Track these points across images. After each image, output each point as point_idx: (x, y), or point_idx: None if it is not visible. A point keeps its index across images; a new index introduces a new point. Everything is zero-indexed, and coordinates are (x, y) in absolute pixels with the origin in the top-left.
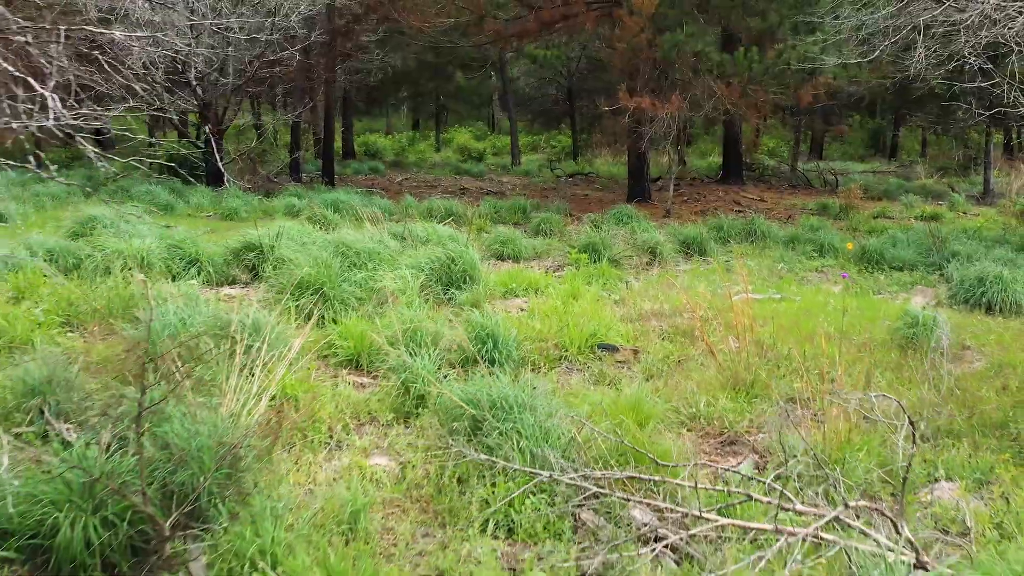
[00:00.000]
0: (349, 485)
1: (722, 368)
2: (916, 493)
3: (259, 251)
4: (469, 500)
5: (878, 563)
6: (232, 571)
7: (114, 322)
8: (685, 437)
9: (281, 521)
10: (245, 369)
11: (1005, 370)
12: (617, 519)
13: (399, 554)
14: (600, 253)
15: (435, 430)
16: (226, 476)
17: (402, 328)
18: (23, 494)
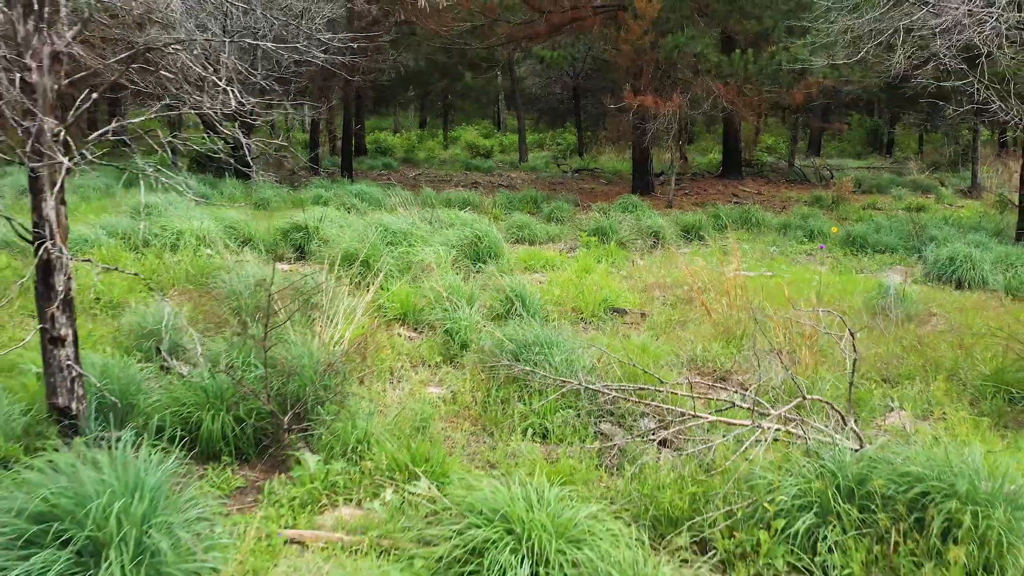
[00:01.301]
0: (414, 404)
1: (716, 324)
2: (875, 419)
3: (305, 231)
4: (510, 415)
5: (830, 448)
6: (336, 454)
7: (191, 287)
8: (684, 374)
9: (371, 420)
10: (325, 316)
11: (961, 330)
12: (629, 427)
13: (458, 451)
14: (608, 236)
15: (478, 367)
16: (324, 387)
17: (442, 291)
18: (169, 399)
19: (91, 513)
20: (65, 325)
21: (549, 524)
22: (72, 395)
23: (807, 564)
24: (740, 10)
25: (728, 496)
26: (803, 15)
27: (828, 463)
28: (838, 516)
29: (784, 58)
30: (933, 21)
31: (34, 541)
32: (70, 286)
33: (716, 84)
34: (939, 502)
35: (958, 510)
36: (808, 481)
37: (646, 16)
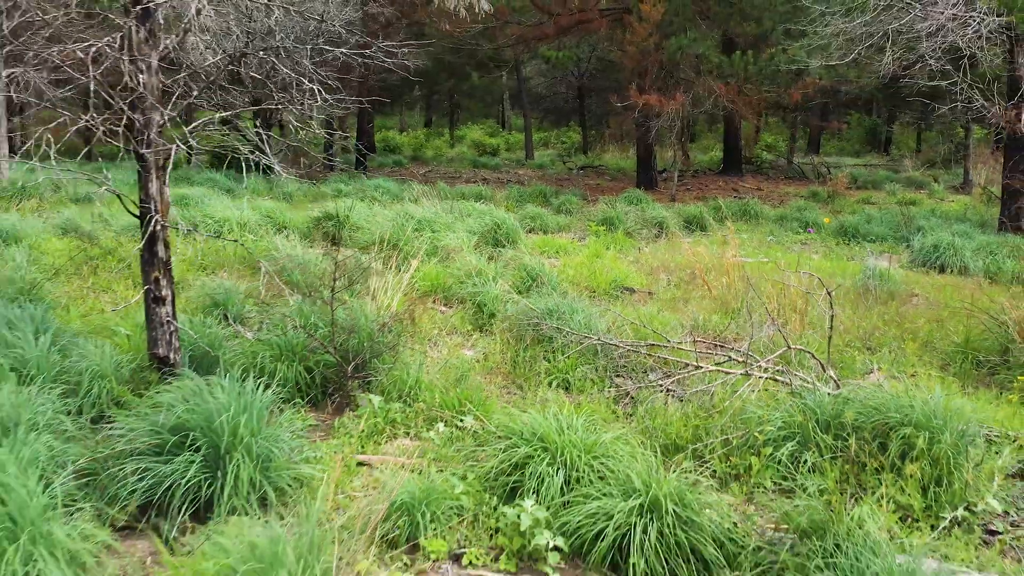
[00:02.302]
0: (453, 361)
1: (715, 299)
2: (854, 379)
3: (336, 220)
4: (537, 371)
5: (811, 390)
6: (393, 396)
7: (239, 267)
8: (687, 335)
9: (421, 369)
10: (371, 289)
11: (937, 306)
12: (640, 379)
13: (493, 399)
14: (616, 226)
15: (506, 333)
16: (380, 343)
17: (472, 268)
18: (247, 353)
19: (217, 426)
20: (165, 287)
21: (579, 443)
22: (170, 346)
23: (790, 483)
24: (740, 13)
25: (724, 428)
26: (799, 18)
27: (809, 402)
28: (816, 444)
29: (782, 59)
30: (920, 25)
31: (173, 448)
32: (169, 254)
33: (717, 84)
34: (898, 429)
35: (914, 435)
36: (792, 416)
37: (650, 19)
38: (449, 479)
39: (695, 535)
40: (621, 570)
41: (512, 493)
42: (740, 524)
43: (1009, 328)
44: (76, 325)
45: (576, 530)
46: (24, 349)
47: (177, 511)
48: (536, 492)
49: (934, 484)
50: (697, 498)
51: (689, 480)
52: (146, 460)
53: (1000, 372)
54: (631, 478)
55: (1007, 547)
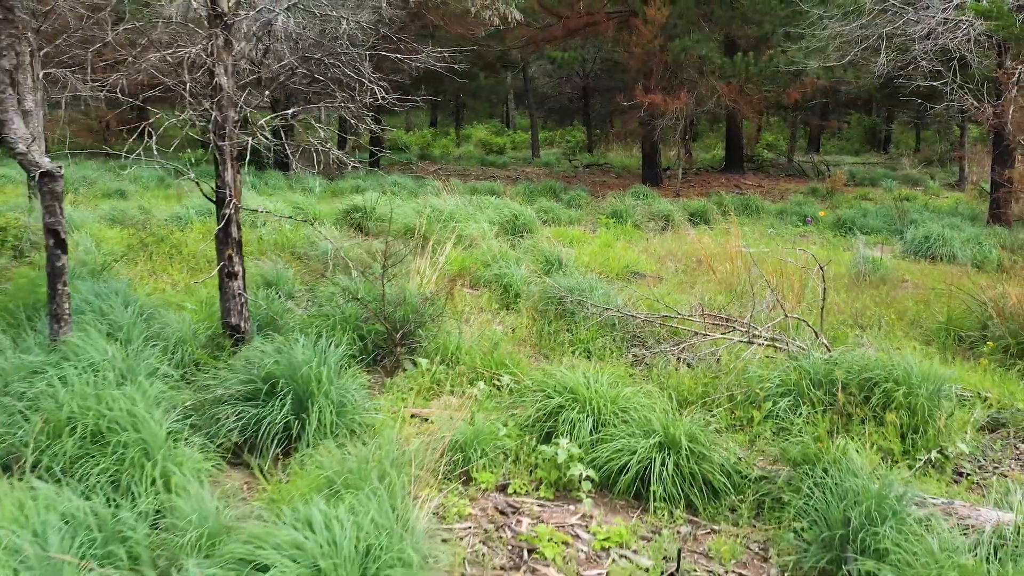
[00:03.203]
0: (486, 332)
1: (720, 282)
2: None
3: (363, 212)
4: (561, 342)
5: (807, 355)
6: (436, 360)
7: (280, 253)
8: (695, 310)
9: (460, 337)
10: (409, 270)
11: (925, 291)
12: (654, 348)
13: (523, 364)
14: (624, 219)
15: (531, 310)
16: (423, 314)
17: (493, 254)
18: (305, 322)
19: (301, 375)
20: (237, 263)
21: (604, 394)
22: (241, 316)
23: (787, 433)
24: (741, 16)
25: (729, 386)
26: (798, 21)
27: (803, 363)
28: (810, 399)
29: (782, 60)
30: (912, 28)
31: (263, 395)
32: (240, 234)
33: (720, 84)
34: (881, 384)
35: (893, 389)
36: (788, 375)
37: (656, 21)
38: (493, 424)
39: (706, 467)
40: (643, 497)
41: (547, 437)
42: (744, 459)
43: (987, 307)
44: (148, 300)
45: (604, 464)
46: (117, 317)
47: (268, 447)
48: (569, 434)
49: (911, 432)
50: (708, 437)
51: (701, 422)
52: (240, 405)
53: (979, 346)
54: (651, 420)
55: (974, 485)
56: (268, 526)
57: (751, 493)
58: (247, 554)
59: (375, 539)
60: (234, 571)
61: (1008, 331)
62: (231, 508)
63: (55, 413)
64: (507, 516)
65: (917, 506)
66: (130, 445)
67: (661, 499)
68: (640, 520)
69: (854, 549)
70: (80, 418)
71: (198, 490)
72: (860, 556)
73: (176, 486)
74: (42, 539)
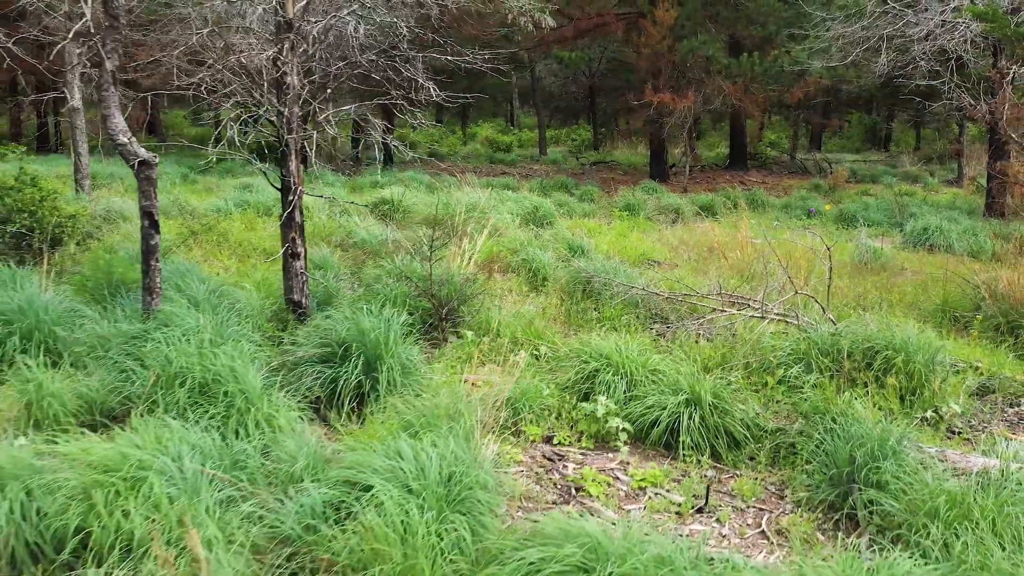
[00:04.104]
0: (521, 311)
1: (732, 267)
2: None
3: (391, 204)
4: (588, 319)
5: (817, 328)
6: (480, 333)
7: (318, 242)
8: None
9: (500, 313)
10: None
11: (924, 277)
12: (675, 324)
13: (555, 337)
14: (636, 211)
15: (559, 291)
16: (466, 292)
17: (519, 242)
18: (358, 299)
19: (371, 340)
20: (300, 245)
21: (635, 360)
22: (303, 293)
23: (797, 396)
24: (746, 17)
25: (745, 355)
26: (802, 23)
27: (812, 334)
28: (818, 366)
29: (786, 61)
30: (912, 30)
31: (337, 358)
32: (303, 219)
33: (726, 84)
34: (882, 352)
35: (893, 356)
36: (798, 345)
37: (664, 23)
38: (538, 385)
39: (728, 420)
40: (673, 447)
41: (585, 396)
42: (761, 414)
43: (980, 289)
44: (214, 280)
45: (638, 419)
46: (194, 292)
47: (344, 402)
48: (605, 393)
49: (909, 394)
50: (729, 394)
51: (723, 382)
52: (317, 366)
53: (972, 325)
54: (679, 380)
55: (965, 441)
56: (366, 455)
57: (768, 443)
58: (351, 477)
59: (455, 468)
60: (342, 490)
61: (999, 311)
62: (324, 447)
63: (166, 368)
64: (554, 462)
65: (914, 453)
66: (234, 395)
67: (689, 448)
68: (671, 466)
69: (859, 483)
70: (189, 372)
71: (300, 429)
72: (864, 488)
73: (279, 427)
74: (179, 462)
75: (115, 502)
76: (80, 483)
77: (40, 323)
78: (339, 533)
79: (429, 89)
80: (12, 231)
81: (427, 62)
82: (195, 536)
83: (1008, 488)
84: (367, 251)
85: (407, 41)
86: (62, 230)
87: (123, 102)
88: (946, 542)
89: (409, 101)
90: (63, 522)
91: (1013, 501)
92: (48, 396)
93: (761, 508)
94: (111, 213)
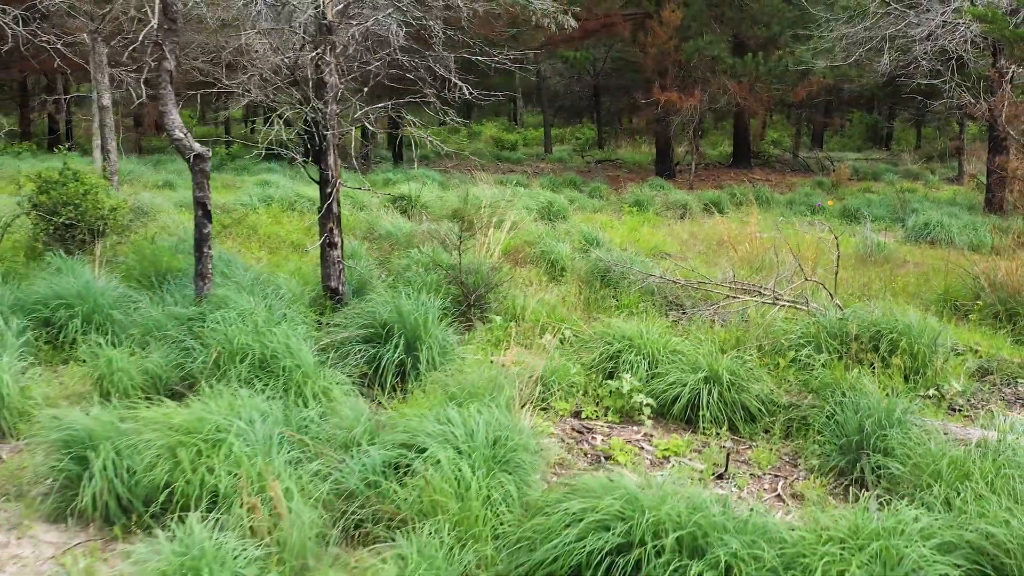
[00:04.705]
0: (544, 298)
1: (741, 259)
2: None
3: (408, 200)
4: (607, 306)
5: (825, 313)
6: (507, 318)
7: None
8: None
9: (525, 299)
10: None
11: (925, 268)
12: (690, 311)
13: (577, 319)
14: (645, 207)
15: (577, 281)
16: (492, 279)
17: (537, 235)
18: (390, 285)
19: (411, 321)
20: (337, 235)
21: (656, 341)
22: (339, 280)
23: (807, 375)
24: (751, 18)
25: (758, 338)
26: (806, 23)
27: (821, 319)
28: (827, 348)
29: (789, 60)
30: (914, 30)
31: (379, 338)
32: (339, 210)
33: (730, 83)
34: (887, 335)
35: (898, 338)
36: (808, 329)
37: (670, 23)
38: (565, 365)
39: (744, 396)
40: (693, 421)
41: (610, 375)
42: (775, 391)
43: (980, 279)
44: (254, 268)
45: (660, 395)
46: (239, 279)
47: (387, 378)
48: (629, 372)
49: (913, 373)
50: (745, 372)
51: (739, 361)
52: (360, 345)
53: (972, 312)
54: (698, 359)
55: (965, 417)
56: (418, 421)
57: (781, 416)
58: (406, 440)
59: (499, 432)
60: (399, 452)
61: (998, 299)
62: (376, 415)
63: (227, 346)
64: (583, 434)
65: (917, 426)
66: (291, 369)
67: (708, 422)
68: (692, 437)
69: (867, 450)
70: (249, 349)
71: (354, 399)
72: (872, 454)
73: (335, 398)
74: (250, 425)
75: (198, 460)
76: (165, 444)
77: (98, 307)
78: (400, 488)
79: (461, 88)
80: (58, 223)
81: (443, 61)
82: (277, 487)
83: (1005, 454)
84: (392, 243)
85: (441, 42)
86: (104, 222)
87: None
88: (947, 499)
89: (442, 100)
90: (151, 478)
91: (1010, 464)
92: (118, 371)
93: (776, 475)
94: (141, 207)
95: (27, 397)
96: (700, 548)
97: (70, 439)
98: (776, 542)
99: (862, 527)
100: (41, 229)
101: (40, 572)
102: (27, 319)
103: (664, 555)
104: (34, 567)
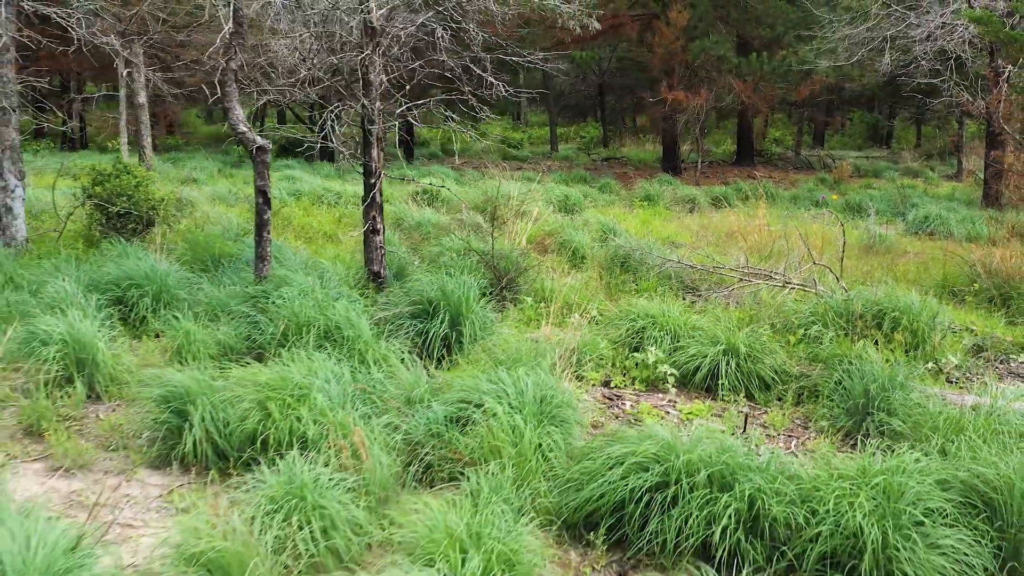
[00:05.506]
0: (568, 282)
1: (751, 248)
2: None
3: (430, 193)
4: (628, 290)
5: (831, 295)
6: (536, 299)
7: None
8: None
9: (554, 282)
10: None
11: (925, 258)
12: (705, 294)
13: (603, 300)
14: (655, 201)
15: (598, 267)
16: (521, 265)
17: (557, 225)
18: (427, 270)
19: (455, 299)
20: (379, 222)
21: (678, 319)
22: (381, 265)
23: (816, 350)
24: (755, 19)
25: (770, 317)
26: (809, 24)
27: (828, 300)
28: (834, 325)
29: (793, 60)
30: (914, 31)
31: (426, 314)
32: (382, 199)
33: (735, 82)
34: (889, 313)
35: (899, 316)
36: (816, 308)
37: (677, 24)
38: (595, 339)
39: (759, 367)
40: (712, 389)
41: (635, 349)
42: (787, 362)
43: (977, 266)
44: (300, 254)
45: (682, 366)
46: (289, 263)
47: (434, 351)
48: (653, 345)
49: (913, 348)
50: (760, 345)
51: (754, 335)
52: (409, 320)
53: (968, 298)
54: (717, 334)
55: (960, 388)
56: (473, 381)
57: (793, 385)
58: (464, 397)
59: (545, 391)
60: (458, 407)
61: (993, 284)
62: (431, 379)
63: (293, 319)
64: (613, 401)
65: (918, 390)
66: (353, 339)
67: (727, 390)
68: (712, 404)
69: (872, 411)
70: (315, 321)
71: (413, 364)
72: (876, 413)
73: (393, 364)
74: (326, 383)
75: (287, 411)
76: (255, 398)
77: (165, 287)
78: (462, 436)
79: (499, 86)
80: (113, 213)
81: (480, 62)
82: (360, 432)
83: (996, 413)
84: (422, 232)
85: (479, 44)
86: (155, 212)
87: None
88: (943, 448)
89: (479, 98)
90: (243, 428)
91: (1001, 421)
92: (196, 341)
93: (790, 435)
94: (181, 199)
95: (118, 364)
96: (728, 484)
97: (169, 395)
98: (794, 479)
99: (868, 468)
100: (96, 219)
101: (150, 508)
102: (102, 298)
103: (697, 490)
104: (144, 504)
